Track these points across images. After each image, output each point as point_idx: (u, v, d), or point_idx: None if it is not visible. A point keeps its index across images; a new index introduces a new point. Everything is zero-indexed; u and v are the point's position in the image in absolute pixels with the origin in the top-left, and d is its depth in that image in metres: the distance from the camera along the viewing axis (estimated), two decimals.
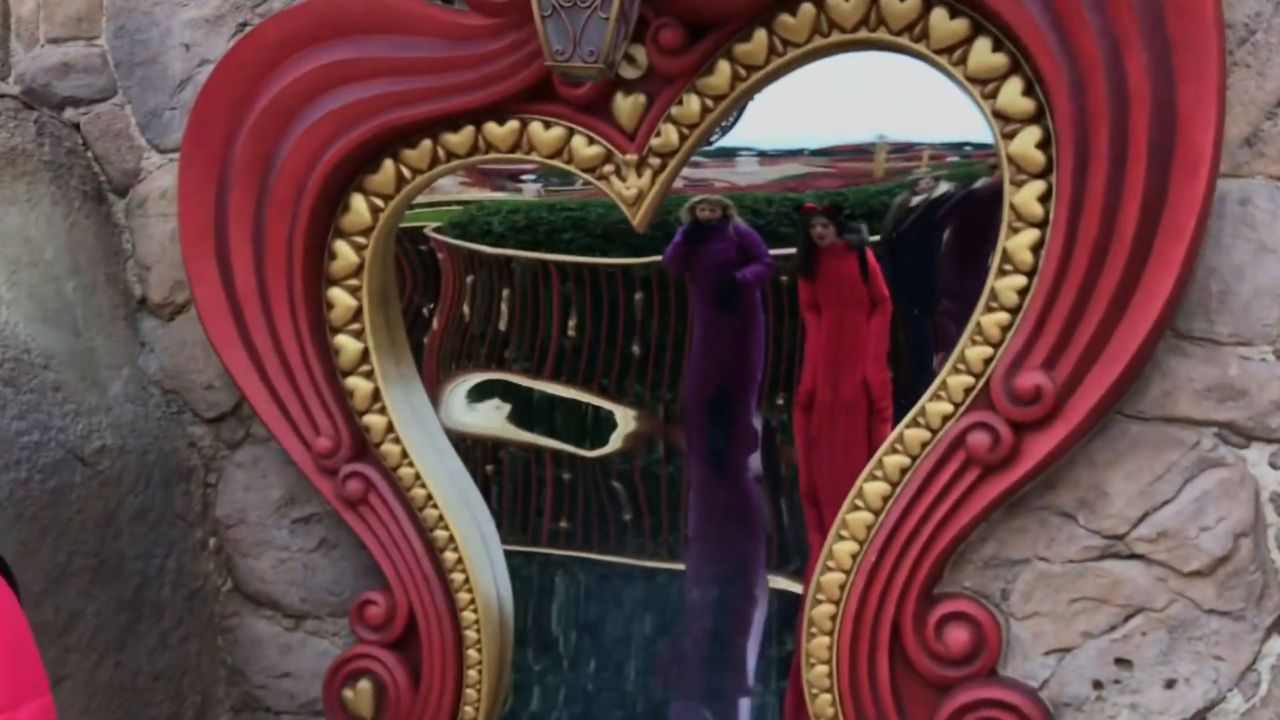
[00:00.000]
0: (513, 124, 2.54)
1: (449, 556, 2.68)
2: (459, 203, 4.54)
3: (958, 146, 3.19)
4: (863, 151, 3.56)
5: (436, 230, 6.56)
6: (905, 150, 3.53)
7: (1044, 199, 2.27)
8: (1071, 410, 2.23)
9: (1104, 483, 2.30)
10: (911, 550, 2.36)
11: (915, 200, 4.49)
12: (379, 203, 2.69)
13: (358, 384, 2.70)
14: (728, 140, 3.11)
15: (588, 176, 2.56)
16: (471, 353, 5.59)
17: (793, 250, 5.56)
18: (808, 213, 5.42)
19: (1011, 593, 2.37)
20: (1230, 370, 2.21)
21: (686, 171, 2.61)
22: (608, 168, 2.54)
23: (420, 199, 2.94)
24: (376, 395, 2.70)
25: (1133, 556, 2.29)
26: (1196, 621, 2.26)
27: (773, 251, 5.28)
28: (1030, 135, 2.26)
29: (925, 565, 2.36)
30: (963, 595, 2.39)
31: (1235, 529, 2.22)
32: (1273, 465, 2.22)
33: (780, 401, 4.14)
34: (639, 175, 2.52)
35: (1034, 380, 2.23)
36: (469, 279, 5.87)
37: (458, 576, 2.69)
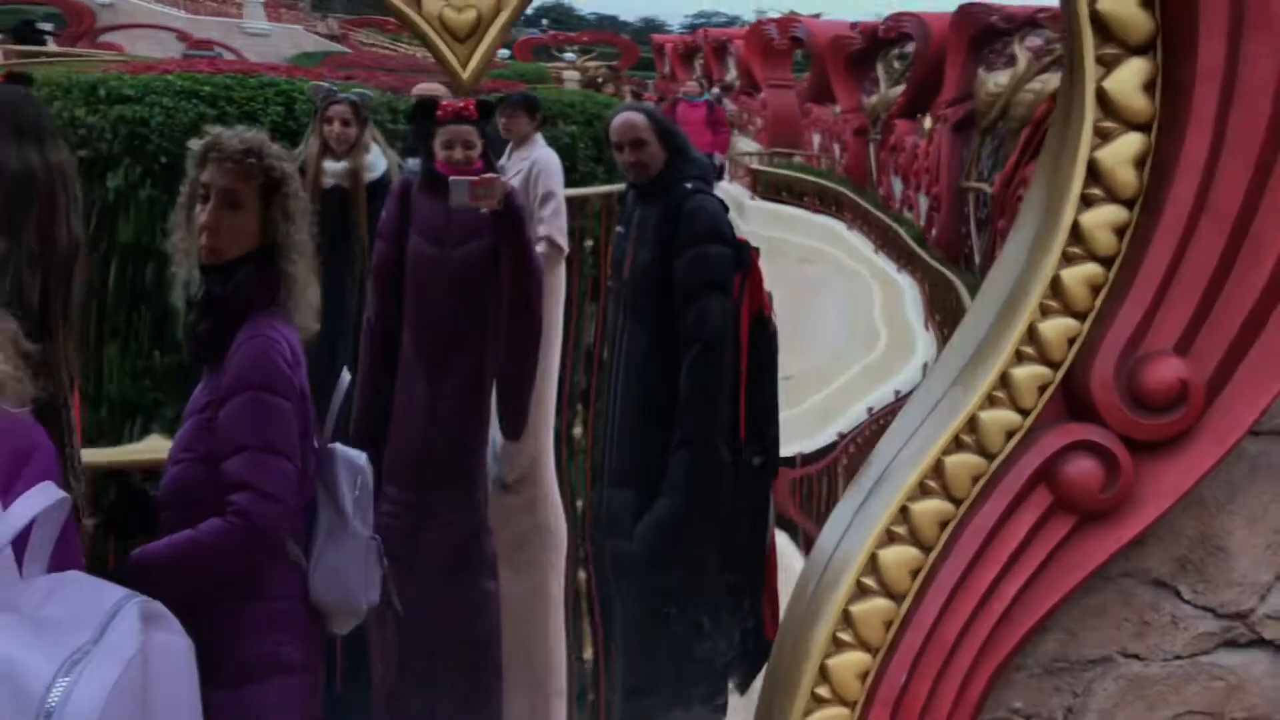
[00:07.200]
0: None
1: None
2: None
3: None
4: None
5: None
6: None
7: (1148, 87, 1.42)
8: (1218, 422, 1.39)
9: (1217, 532, 1.49)
10: (959, 660, 1.40)
11: None
12: None
13: None
14: None
15: None
16: None
17: None
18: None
19: (1085, 713, 1.49)
20: None
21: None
22: None
23: None
24: None
25: (1260, 643, 1.50)
26: None
27: None
28: None
29: (978, 682, 1.40)
30: None
31: None
32: None
33: None
34: None
35: (1174, 372, 1.37)
36: None
37: None
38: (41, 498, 1.10)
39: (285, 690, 1.94)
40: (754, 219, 12.17)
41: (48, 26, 23.42)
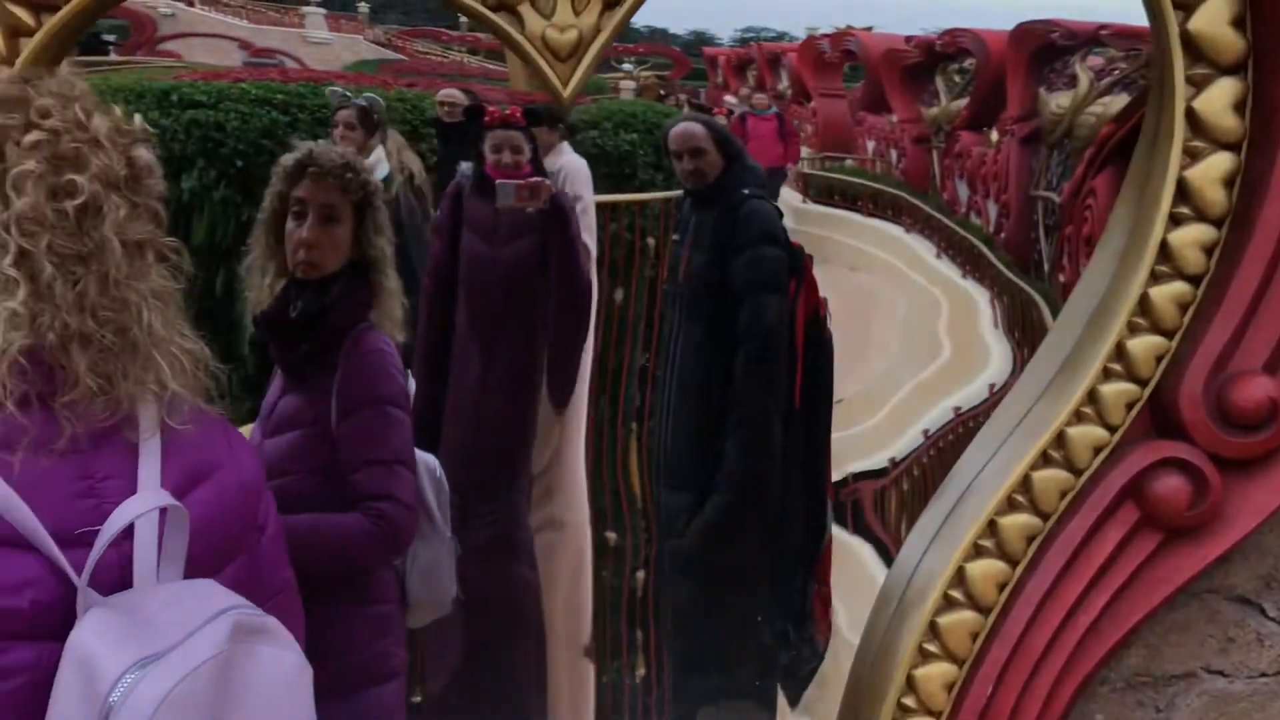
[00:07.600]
0: None
1: None
2: None
3: None
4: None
5: None
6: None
7: (1239, 108, 1.43)
8: None
9: None
10: (1045, 673, 1.41)
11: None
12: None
13: None
14: None
15: (482, 9, 1.38)
16: None
17: None
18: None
19: None
20: None
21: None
22: None
23: None
24: None
25: None
26: None
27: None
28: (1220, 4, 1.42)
29: (1063, 695, 1.42)
30: None
31: None
32: None
33: None
34: (574, 7, 1.39)
35: (1263, 390, 1.38)
36: None
37: None
38: (136, 505, 1.12)
39: (395, 694, 2.00)
40: (809, 222, 12.16)
41: (110, 38, 24.20)
